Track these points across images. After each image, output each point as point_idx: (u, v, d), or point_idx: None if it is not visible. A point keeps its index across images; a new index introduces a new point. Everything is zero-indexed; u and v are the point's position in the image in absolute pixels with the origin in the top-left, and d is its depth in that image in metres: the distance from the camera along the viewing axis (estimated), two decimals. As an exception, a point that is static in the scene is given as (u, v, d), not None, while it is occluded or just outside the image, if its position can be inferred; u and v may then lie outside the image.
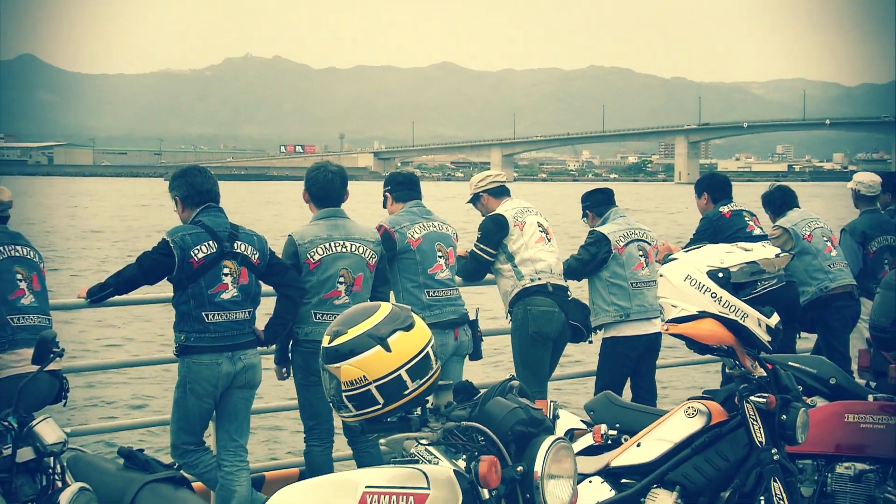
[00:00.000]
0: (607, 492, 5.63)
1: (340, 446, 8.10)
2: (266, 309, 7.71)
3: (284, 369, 7.95)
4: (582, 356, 10.02)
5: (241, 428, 7.61)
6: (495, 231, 9.00)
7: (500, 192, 9.30)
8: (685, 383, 13.67)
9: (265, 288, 7.69)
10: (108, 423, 10.91)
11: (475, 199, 9.37)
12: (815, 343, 10.46)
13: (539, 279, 8.90)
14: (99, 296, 7.56)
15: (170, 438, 7.57)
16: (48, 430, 3.93)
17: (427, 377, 4.35)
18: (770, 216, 10.60)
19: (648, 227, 9.65)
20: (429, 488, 4.13)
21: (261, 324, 7.65)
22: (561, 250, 9.32)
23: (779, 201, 10.61)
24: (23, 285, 7.13)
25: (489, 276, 9.19)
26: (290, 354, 7.90)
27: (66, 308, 7.90)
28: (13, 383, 6.44)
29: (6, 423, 3.86)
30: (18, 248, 7.25)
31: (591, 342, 9.37)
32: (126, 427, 10.30)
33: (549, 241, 9.10)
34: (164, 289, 7.58)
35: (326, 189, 7.99)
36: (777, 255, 5.66)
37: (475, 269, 9.05)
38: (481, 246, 9.00)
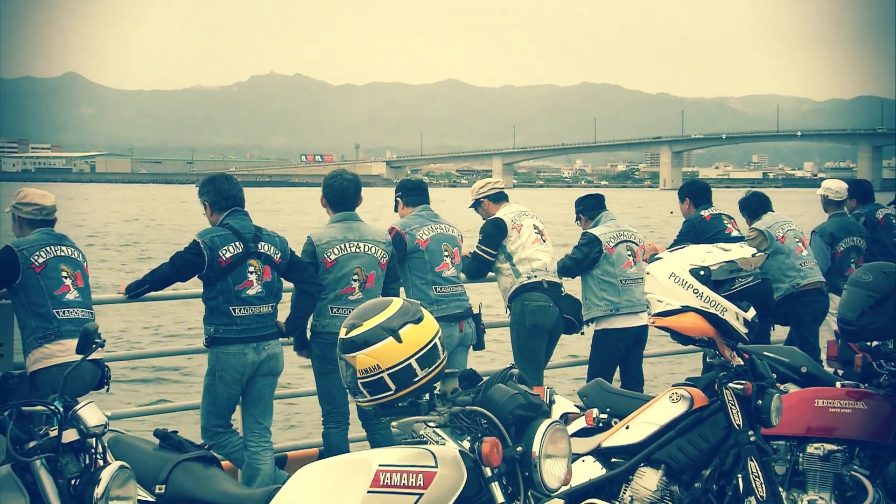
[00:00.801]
0: (599, 470, 5.63)
1: (356, 429, 8.09)
2: (287, 303, 7.75)
3: (305, 351, 7.96)
4: (575, 347, 10.00)
5: (265, 412, 7.62)
6: (495, 233, 9.02)
7: (499, 197, 9.31)
8: (670, 371, 13.66)
9: (286, 284, 7.70)
10: (145, 408, 10.92)
11: (476, 205, 9.39)
12: (788, 335, 10.47)
13: (535, 276, 8.92)
14: (136, 292, 7.58)
15: (200, 421, 7.58)
16: (91, 413, 3.92)
17: (435, 366, 4.37)
18: (746, 219, 10.60)
19: (636, 228, 9.68)
20: (437, 466, 4.14)
21: (282, 316, 7.67)
22: (555, 250, 9.33)
23: (754, 206, 10.61)
24: (68, 282, 7.15)
25: (490, 274, 9.20)
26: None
27: (107, 303, 7.89)
28: (59, 371, 6.48)
29: (53, 407, 3.86)
30: (64, 248, 7.26)
31: (583, 333, 9.37)
32: (161, 411, 10.32)
33: (544, 241, 9.11)
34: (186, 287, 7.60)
35: (342, 195, 8.00)
36: (753, 255, 5.66)
37: (478, 268, 9.07)
38: (483, 247, 9.01)
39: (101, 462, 3.86)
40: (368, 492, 4.18)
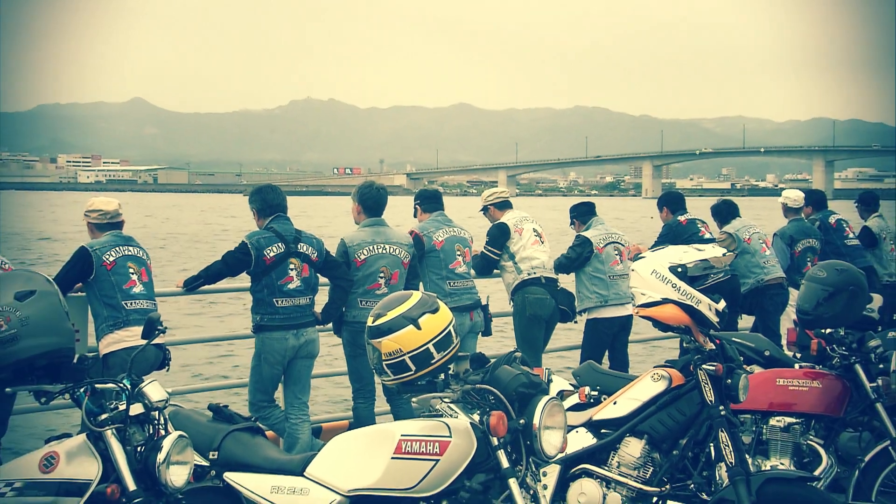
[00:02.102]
0: (590, 440, 5.62)
1: (381, 403, 8.10)
2: (322, 296, 7.76)
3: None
4: (570, 333, 9.98)
5: (303, 389, 7.64)
6: (500, 236, 9.02)
7: (504, 205, 9.32)
8: (651, 354, 13.63)
9: (322, 279, 7.71)
10: (201, 385, 10.94)
11: (485, 210, 9.39)
12: (753, 323, 10.44)
13: (534, 273, 8.92)
14: (193, 285, 7.59)
15: (248, 397, 7.60)
16: (154, 390, 3.93)
17: (449, 349, 4.38)
18: (717, 224, 10.58)
19: (622, 231, 9.68)
20: (451, 436, 4.14)
21: (318, 307, 7.68)
22: (552, 250, 9.33)
23: (725, 212, 10.60)
24: (134, 277, 7.16)
25: (496, 271, 9.19)
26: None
27: (168, 295, 7.91)
28: (127, 354, 6.51)
29: (122, 385, 3.86)
30: (131, 248, 7.27)
31: (575, 322, 9.35)
32: (214, 388, 10.34)
33: (543, 243, 9.11)
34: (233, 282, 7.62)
35: (376, 201, 8.03)
36: (723, 254, 5.66)
37: (485, 266, 9.06)
38: (489, 248, 9.02)
39: (162, 432, 3.86)
40: (392, 458, 4.19)
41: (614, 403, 5.66)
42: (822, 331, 6.23)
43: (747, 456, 5.21)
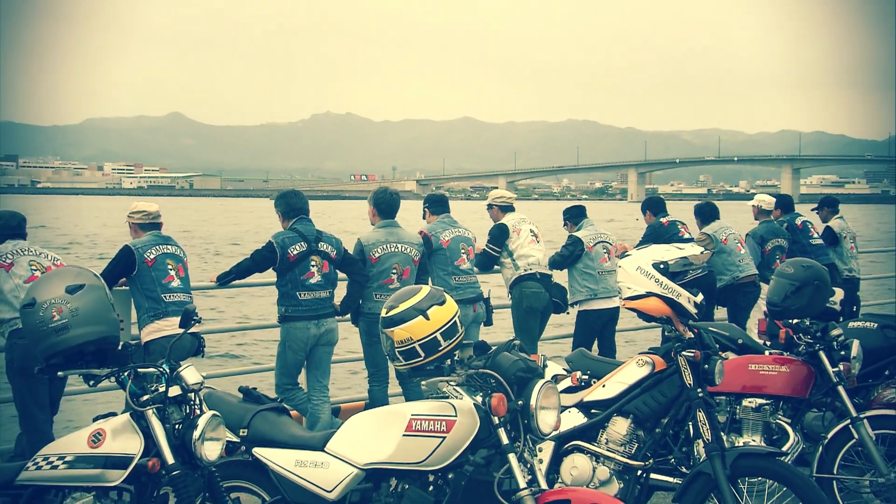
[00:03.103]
0: (581, 419, 5.61)
1: (394, 386, 8.10)
2: (340, 290, 7.76)
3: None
4: (563, 324, 9.98)
5: (324, 373, 7.64)
6: (499, 236, 9.01)
7: (507, 209, 9.30)
8: (636, 342, 13.60)
9: (340, 275, 7.71)
10: (232, 370, 10.94)
11: (490, 207, 9.39)
12: (728, 315, 10.43)
13: (530, 269, 8.91)
14: (225, 280, 7.61)
15: (274, 380, 7.61)
16: (190, 374, 3.93)
17: (455, 338, 4.38)
18: (699, 223, 10.57)
19: (609, 231, 9.68)
20: (456, 416, 4.14)
21: (337, 300, 7.68)
22: (548, 248, 9.33)
23: (707, 213, 10.60)
24: (172, 273, 7.17)
25: (496, 267, 9.18)
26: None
27: (202, 289, 7.92)
28: (166, 341, 6.50)
29: (161, 369, 3.87)
30: (169, 247, 7.28)
31: (567, 313, 9.34)
32: (244, 372, 10.32)
33: (538, 242, 9.10)
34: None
35: (389, 205, 8.04)
36: (701, 253, 5.65)
37: (486, 262, 9.05)
38: (491, 246, 9.01)
39: (198, 411, 3.87)
40: (403, 435, 4.19)
41: (603, 386, 5.65)
42: (790, 321, 6.21)
43: (722, 433, 5.21)
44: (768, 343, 6.48)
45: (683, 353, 5.24)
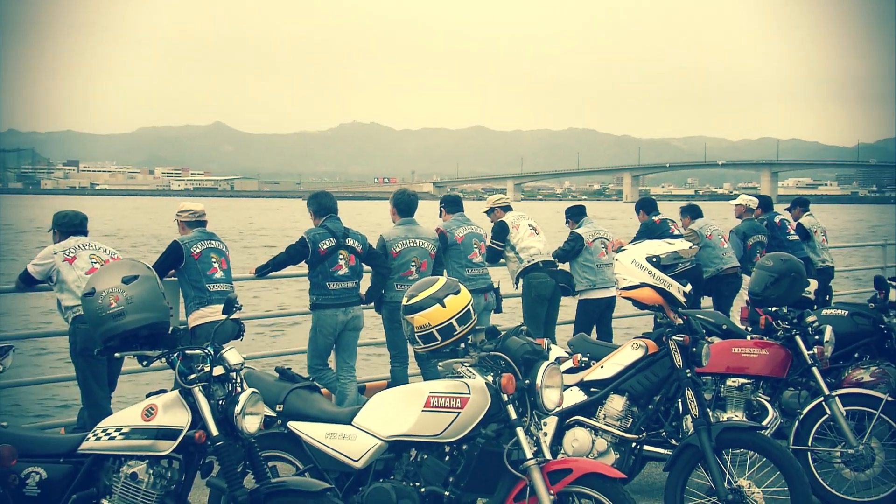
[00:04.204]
0: (582, 396, 5.61)
1: (413, 367, 8.10)
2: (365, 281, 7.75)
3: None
4: (566, 312, 9.95)
5: (351, 355, 7.64)
6: (500, 232, 8.96)
7: (506, 209, 9.24)
8: (631, 328, 13.56)
9: (365, 267, 7.71)
10: (268, 352, 10.97)
11: (490, 211, 9.30)
12: (714, 303, 10.40)
13: (533, 260, 8.86)
14: (263, 272, 7.62)
15: (307, 362, 7.62)
16: (232, 355, 3.93)
17: (468, 324, 4.38)
18: (687, 219, 10.55)
19: (607, 228, 9.66)
20: (470, 393, 4.14)
21: (362, 290, 7.68)
22: (552, 244, 9.29)
23: (692, 211, 10.61)
24: (216, 265, 7.18)
25: (502, 261, 9.13)
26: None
27: (243, 279, 7.93)
28: (210, 327, 6.55)
29: (206, 351, 3.87)
30: (213, 242, 7.30)
31: (574, 295, 9.28)
32: (280, 354, 10.36)
33: (538, 234, 9.02)
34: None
35: (408, 205, 8.03)
36: (689, 247, 5.64)
37: (492, 256, 8.96)
38: (494, 241, 8.95)
39: (239, 389, 3.87)
40: (422, 411, 4.19)
41: (601, 367, 5.64)
42: (769, 309, 6.19)
43: (708, 410, 5.18)
44: (750, 328, 6.46)
45: (674, 337, 5.23)
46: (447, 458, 4.22)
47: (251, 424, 3.81)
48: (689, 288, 5.41)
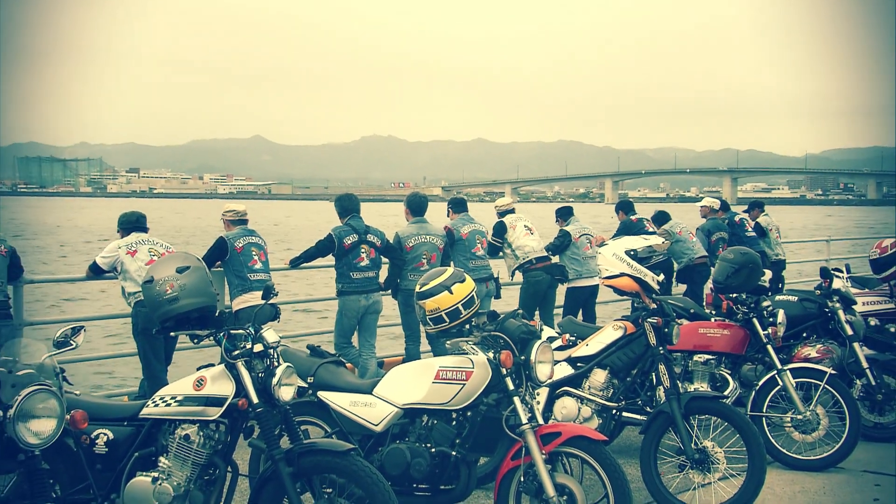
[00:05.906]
0: (569, 370, 5.60)
1: (425, 345, 8.09)
2: (383, 271, 7.73)
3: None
4: (556, 298, 9.92)
5: (372, 335, 7.63)
6: (499, 229, 8.91)
7: (508, 212, 9.21)
8: (611, 312, 13.52)
9: (383, 259, 7.70)
10: (301, 332, 10.97)
11: (502, 214, 9.22)
12: (685, 291, 10.38)
13: (527, 257, 8.81)
14: (296, 263, 7.62)
15: (333, 340, 7.61)
16: (271, 335, 3.93)
17: (472, 308, 4.38)
18: (655, 225, 10.52)
19: (591, 226, 9.65)
20: (473, 367, 4.14)
21: (381, 279, 7.67)
22: (544, 240, 9.27)
23: (659, 219, 10.57)
24: (255, 258, 7.17)
25: (500, 254, 9.09)
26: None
27: (279, 270, 7.92)
28: (252, 310, 6.53)
29: (248, 331, 3.87)
30: (253, 237, 7.29)
31: (566, 283, 9.20)
32: (309, 334, 10.35)
33: (532, 233, 8.99)
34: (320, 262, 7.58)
35: (420, 206, 8.02)
36: (662, 243, 5.65)
37: (493, 250, 8.89)
38: (494, 238, 8.91)
39: (276, 363, 3.87)
40: (433, 382, 4.20)
41: (586, 346, 5.63)
42: (730, 295, 6.17)
43: (678, 381, 5.17)
44: (713, 312, 6.44)
45: (648, 319, 5.22)
46: (454, 423, 4.22)
47: (286, 394, 3.81)
48: (662, 277, 5.41)
